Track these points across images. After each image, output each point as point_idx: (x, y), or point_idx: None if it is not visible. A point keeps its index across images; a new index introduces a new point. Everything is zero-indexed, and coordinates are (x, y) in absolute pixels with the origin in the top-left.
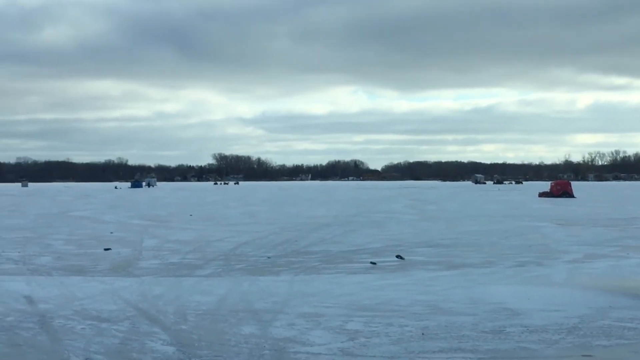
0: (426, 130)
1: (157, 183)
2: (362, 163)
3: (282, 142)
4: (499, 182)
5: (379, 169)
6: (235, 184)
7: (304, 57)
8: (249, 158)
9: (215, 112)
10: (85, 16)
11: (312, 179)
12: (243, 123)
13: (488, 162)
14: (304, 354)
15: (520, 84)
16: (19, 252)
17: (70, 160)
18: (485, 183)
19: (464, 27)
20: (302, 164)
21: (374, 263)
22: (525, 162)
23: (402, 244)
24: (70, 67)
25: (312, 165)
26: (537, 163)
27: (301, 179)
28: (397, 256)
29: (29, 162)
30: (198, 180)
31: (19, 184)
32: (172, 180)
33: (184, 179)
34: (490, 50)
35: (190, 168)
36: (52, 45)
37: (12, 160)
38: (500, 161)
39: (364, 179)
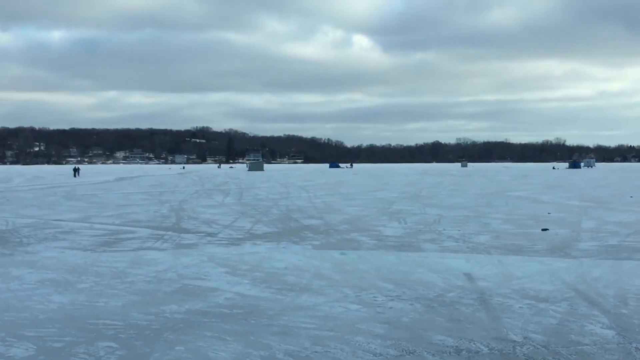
0: None
1: (596, 164)
2: None
3: None
4: None
5: None
6: None
7: None
8: None
9: None
10: None
11: None
12: None
13: None
14: None
15: None
16: (459, 230)
17: (508, 141)
18: None
19: None
20: None
21: None
22: None
23: None
24: (515, 48)
25: None
26: None
27: None
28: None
29: (468, 142)
30: (639, 162)
31: (459, 164)
32: (612, 160)
33: (624, 159)
34: None
35: (631, 148)
36: (498, 26)
37: (452, 141)
38: None
39: None
